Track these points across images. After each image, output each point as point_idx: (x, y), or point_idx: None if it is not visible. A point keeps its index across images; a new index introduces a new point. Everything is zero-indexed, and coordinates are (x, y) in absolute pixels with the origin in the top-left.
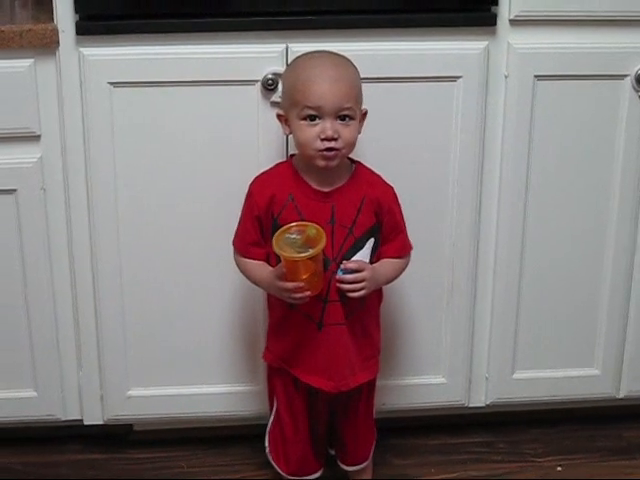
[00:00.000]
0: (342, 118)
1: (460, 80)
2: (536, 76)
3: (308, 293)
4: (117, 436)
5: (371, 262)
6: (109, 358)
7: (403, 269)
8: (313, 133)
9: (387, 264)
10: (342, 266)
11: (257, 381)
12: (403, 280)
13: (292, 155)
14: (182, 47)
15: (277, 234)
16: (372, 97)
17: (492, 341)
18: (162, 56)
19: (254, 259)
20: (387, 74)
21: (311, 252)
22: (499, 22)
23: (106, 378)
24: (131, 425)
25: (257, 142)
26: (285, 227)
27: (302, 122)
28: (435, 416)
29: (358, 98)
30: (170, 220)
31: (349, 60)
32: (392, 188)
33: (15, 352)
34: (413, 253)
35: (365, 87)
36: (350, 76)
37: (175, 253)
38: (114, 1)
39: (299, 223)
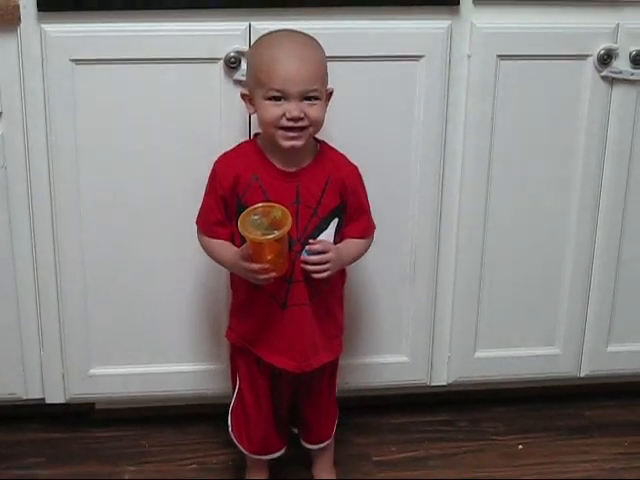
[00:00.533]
0: (308, 98)
1: (423, 59)
2: (499, 56)
3: (273, 274)
4: (79, 415)
5: (335, 242)
6: (71, 337)
7: (367, 249)
8: (278, 112)
9: (351, 244)
10: (307, 248)
11: (220, 360)
12: (366, 260)
13: (256, 134)
14: (145, 24)
15: (242, 215)
16: (334, 76)
17: (454, 320)
18: (124, 33)
19: (218, 239)
20: (349, 53)
21: (276, 234)
22: (462, 2)
23: (67, 357)
24: (93, 404)
25: (219, 121)
26: (250, 208)
27: (267, 102)
28: (397, 395)
29: (324, 79)
30: (132, 198)
31: (315, 39)
32: (356, 168)
33: None
34: (376, 233)
35: (328, 66)
36: (316, 57)
37: (137, 231)
38: None
39: (265, 204)
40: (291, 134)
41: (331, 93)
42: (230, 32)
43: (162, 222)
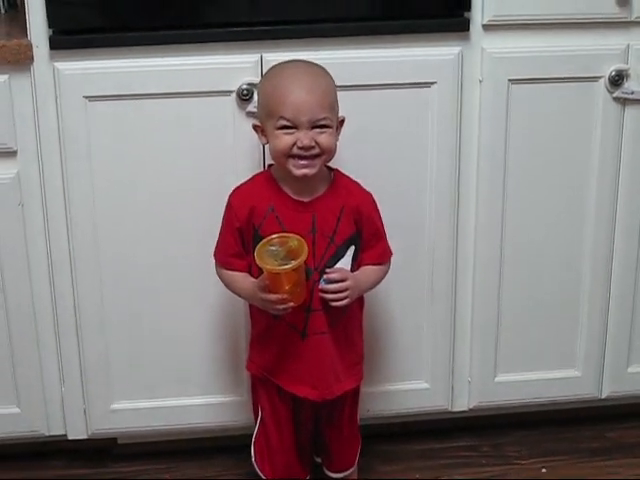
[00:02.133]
0: (318, 127)
1: (434, 86)
2: (510, 80)
3: (291, 304)
4: (101, 450)
5: (352, 269)
6: (91, 371)
7: (384, 275)
8: (289, 141)
9: (368, 271)
10: (324, 276)
11: (240, 392)
12: (384, 286)
13: (270, 165)
14: (157, 59)
15: (259, 246)
16: (347, 105)
17: (473, 345)
18: (137, 69)
19: (236, 270)
20: (361, 82)
21: (293, 264)
22: (472, 27)
23: (89, 392)
24: (115, 439)
25: (234, 153)
26: (267, 239)
27: (278, 131)
28: (419, 421)
29: (334, 107)
30: (149, 233)
31: (324, 69)
32: (371, 195)
33: None
34: (393, 260)
35: (339, 95)
36: (325, 85)
37: (156, 266)
38: (87, 15)
39: (281, 235)
40: (303, 162)
41: (342, 121)
42: (242, 65)
43: (180, 255)
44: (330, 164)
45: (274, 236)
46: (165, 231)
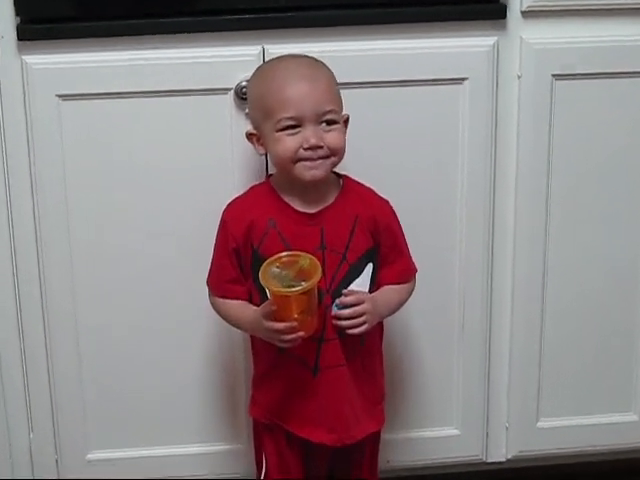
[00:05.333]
0: (326, 123)
1: (466, 82)
2: (554, 75)
3: (301, 334)
4: None
5: (371, 291)
6: (64, 417)
7: (408, 296)
8: (294, 144)
9: (389, 292)
10: (337, 300)
11: (240, 439)
12: (404, 315)
13: (270, 175)
14: (140, 52)
15: (264, 265)
16: (362, 105)
17: (511, 384)
18: (118, 63)
19: (233, 299)
20: (379, 78)
21: (304, 286)
22: (509, 14)
23: (62, 440)
24: None
25: (231, 161)
26: (274, 257)
27: (279, 134)
28: (448, 474)
29: (339, 100)
30: (131, 254)
31: (321, 61)
32: (388, 202)
33: None
34: (417, 282)
35: (355, 93)
36: (327, 76)
37: (137, 293)
38: (61, 1)
39: (289, 253)
40: (311, 164)
41: (347, 120)
42: (241, 58)
43: (165, 282)
44: (338, 169)
45: (282, 254)
46: (149, 254)
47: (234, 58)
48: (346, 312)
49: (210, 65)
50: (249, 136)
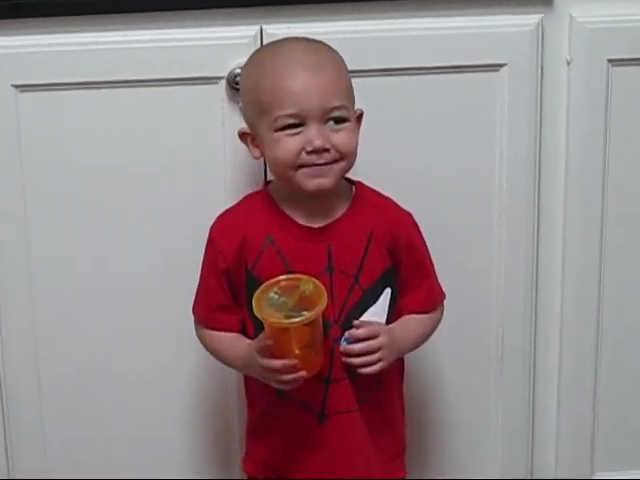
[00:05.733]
0: (334, 121)
1: (504, 69)
2: (610, 60)
3: (303, 373)
4: None
5: (389, 320)
6: (22, 462)
7: (434, 328)
8: (295, 146)
9: (410, 322)
10: (347, 333)
11: None
12: (432, 349)
13: (268, 182)
14: (112, 34)
15: (259, 292)
16: (380, 95)
17: (560, 431)
18: (88, 47)
19: (223, 330)
20: (402, 64)
21: (307, 316)
22: None
23: None
24: None
25: (222, 164)
26: (270, 282)
27: (277, 134)
28: None
29: (350, 93)
30: (100, 274)
31: (327, 44)
32: (410, 215)
33: None
34: (446, 308)
35: (369, 83)
36: (336, 64)
37: (106, 323)
38: None
39: (289, 277)
40: (315, 170)
41: (361, 116)
42: (235, 41)
43: (142, 309)
44: (350, 175)
45: (281, 278)
46: (123, 273)
47: (226, 41)
48: (357, 347)
49: (199, 49)
50: (242, 136)
